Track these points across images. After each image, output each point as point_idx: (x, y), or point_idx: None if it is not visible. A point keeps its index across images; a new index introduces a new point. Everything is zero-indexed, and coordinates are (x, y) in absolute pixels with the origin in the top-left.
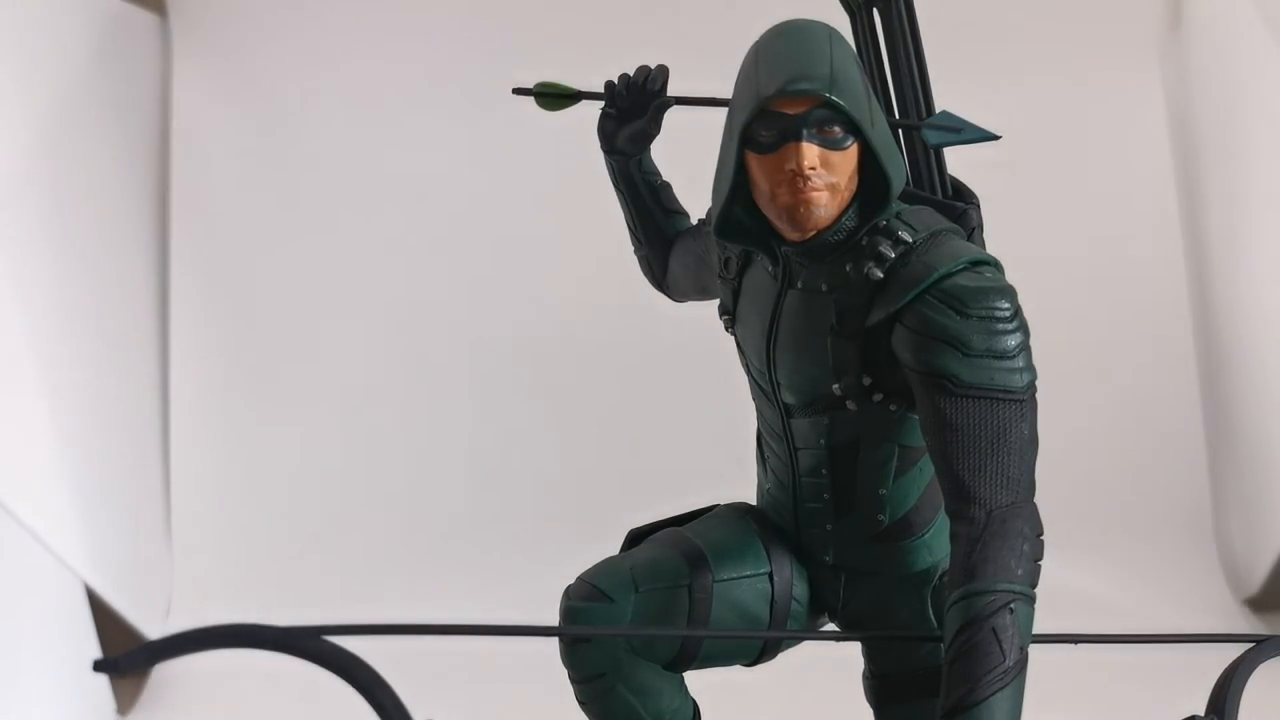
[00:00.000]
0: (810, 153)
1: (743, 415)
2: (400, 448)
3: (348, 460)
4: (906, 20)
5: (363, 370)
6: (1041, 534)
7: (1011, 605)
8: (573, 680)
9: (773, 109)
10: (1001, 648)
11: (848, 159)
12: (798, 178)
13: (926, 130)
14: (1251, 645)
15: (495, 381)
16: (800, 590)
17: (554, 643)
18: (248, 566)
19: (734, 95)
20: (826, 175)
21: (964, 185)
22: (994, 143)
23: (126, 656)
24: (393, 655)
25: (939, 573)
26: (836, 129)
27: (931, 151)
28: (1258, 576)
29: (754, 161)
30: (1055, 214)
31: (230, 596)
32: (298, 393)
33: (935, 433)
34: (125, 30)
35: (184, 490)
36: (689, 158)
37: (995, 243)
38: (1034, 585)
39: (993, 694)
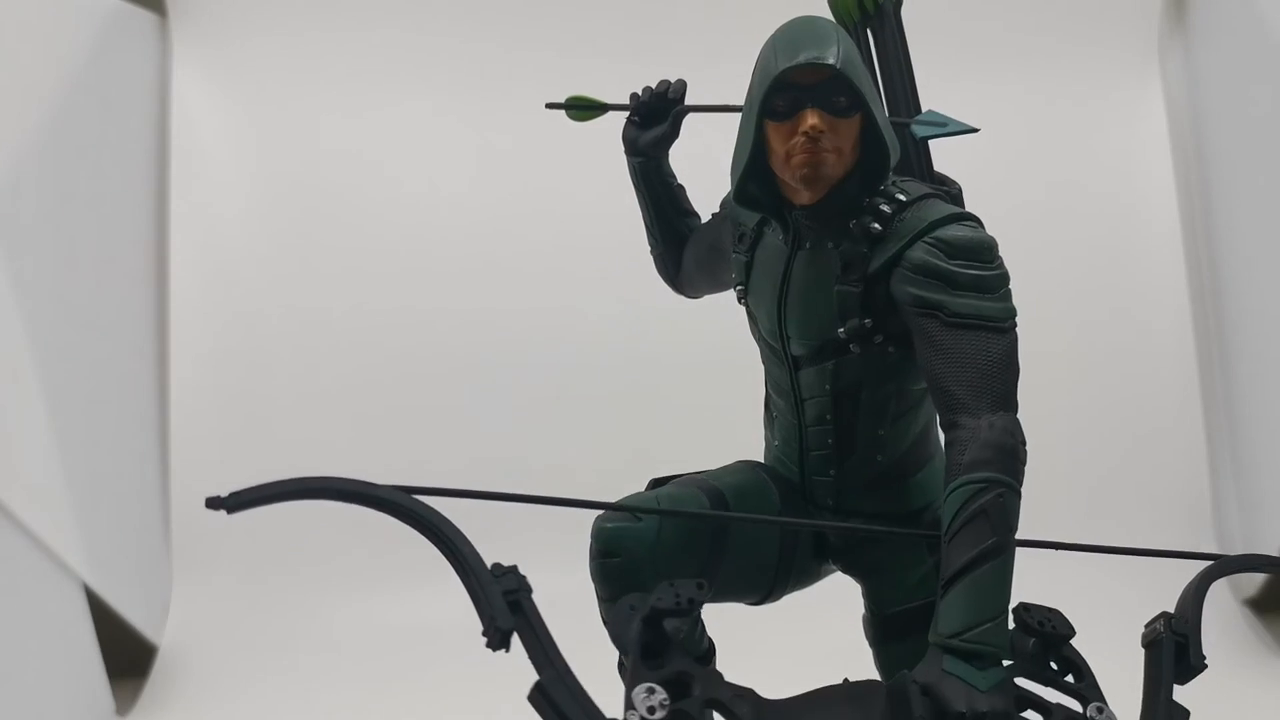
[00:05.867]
0: (820, 116)
1: (747, 410)
2: (402, 446)
3: (348, 459)
4: (897, 36)
5: (364, 368)
6: (1025, 443)
7: (1000, 494)
8: (600, 599)
9: (789, 80)
10: (992, 527)
11: (852, 127)
12: (809, 140)
13: (915, 125)
14: (1213, 561)
15: (499, 381)
16: (805, 532)
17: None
18: (247, 566)
19: (753, 76)
20: (833, 138)
21: (947, 176)
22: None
23: (232, 496)
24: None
25: (931, 513)
26: (843, 99)
27: (919, 145)
28: (1258, 577)
29: (772, 129)
30: (1055, 213)
31: (230, 596)
32: (298, 392)
33: (929, 357)
34: (125, 30)
35: (184, 490)
36: (701, 167)
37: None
38: (1019, 482)
39: (985, 565)
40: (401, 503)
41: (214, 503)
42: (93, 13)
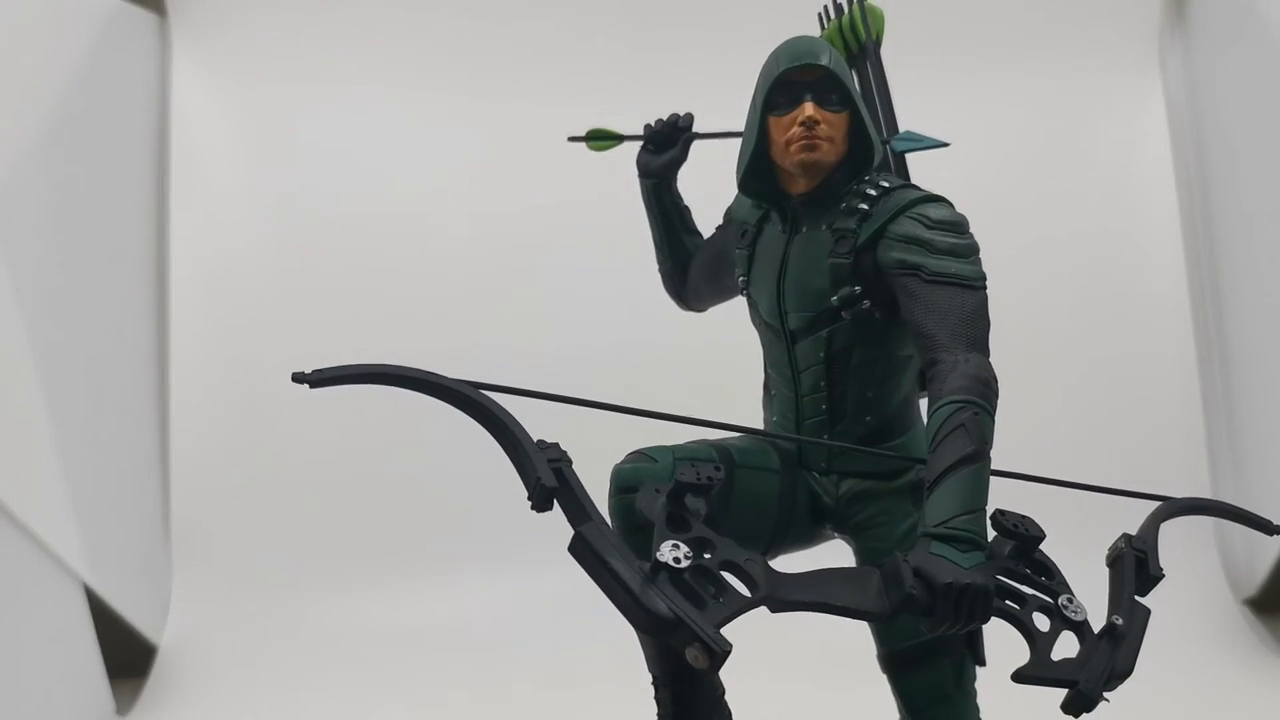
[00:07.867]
0: (815, 108)
1: (748, 395)
2: (401, 446)
3: (348, 459)
4: (878, 70)
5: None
6: (996, 382)
7: (976, 413)
8: (618, 531)
9: (788, 79)
10: (970, 438)
11: (841, 121)
12: (806, 127)
13: (895, 141)
14: (1167, 500)
15: (495, 378)
16: (802, 494)
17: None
18: (247, 567)
19: (757, 82)
20: (827, 129)
21: (921, 187)
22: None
23: (315, 373)
24: None
25: (915, 472)
26: (834, 96)
27: (898, 160)
28: (1258, 577)
29: (773, 123)
30: (1057, 208)
31: (230, 596)
32: (297, 392)
33: (912, 309)
34: (125, 30)
35: (184, 490)
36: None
37: (996, 238)
38: (993, 409)
39: (965, 468)
40: (465, 393)
41: (299, 377)
42: (93, 13)
